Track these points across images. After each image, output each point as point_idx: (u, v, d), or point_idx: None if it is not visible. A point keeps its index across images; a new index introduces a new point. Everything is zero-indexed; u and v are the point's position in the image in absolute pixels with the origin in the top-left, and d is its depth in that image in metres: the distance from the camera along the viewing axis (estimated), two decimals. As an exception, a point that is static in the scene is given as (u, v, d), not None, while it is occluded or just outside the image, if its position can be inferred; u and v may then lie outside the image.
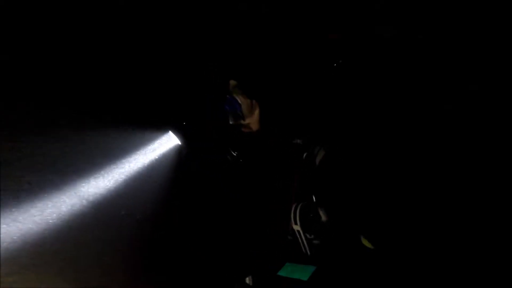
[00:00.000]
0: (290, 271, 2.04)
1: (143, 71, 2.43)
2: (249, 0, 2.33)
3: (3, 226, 1.84)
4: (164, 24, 2.44)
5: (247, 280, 2.28)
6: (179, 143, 2.40)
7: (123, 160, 2.21)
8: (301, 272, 1.97)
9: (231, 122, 2.20)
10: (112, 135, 2.22)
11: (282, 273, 2.05)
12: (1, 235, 1.83)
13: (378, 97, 2.01)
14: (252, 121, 2.18)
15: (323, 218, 1.94)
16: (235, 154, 2.26)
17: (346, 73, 2.04)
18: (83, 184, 2.09)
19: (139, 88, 2.39)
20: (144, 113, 2.39)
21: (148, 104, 2.39)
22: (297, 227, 1.96)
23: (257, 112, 2.17)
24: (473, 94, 1.89)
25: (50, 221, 1.97)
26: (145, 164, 2.28)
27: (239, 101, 2.16)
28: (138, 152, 2.27)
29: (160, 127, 2.39)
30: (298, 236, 1.98)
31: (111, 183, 2.15)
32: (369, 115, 1.99)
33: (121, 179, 2.18)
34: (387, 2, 2.07)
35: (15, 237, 1.87)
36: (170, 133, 2.37)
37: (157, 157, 2.32)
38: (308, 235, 1.94)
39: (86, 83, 2.20)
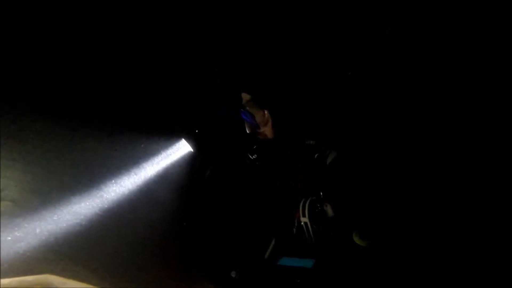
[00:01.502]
0: (291, 261, 2.17)
1: (146, 76, 2.47)
2: (249, 0, 2.33)
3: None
4: (164, 25, 2.44)
5: (233, 274, 2.39)
6: (191, 149, 2.64)
7: (146, 166, 2.50)
8: (303, 262, 2.11)
9: (248, 131, 2.36)
10: (134, 145, 2.48)
11: (282, 262, 2.18)
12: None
13: (385, 100, 2.09)
14: (267, 129, 2.32)
15: (329, 212, 2.13)
16: (252, 158, 2.38)
17: (360, 81, 2.14)
18: (117, 187, 2.33)
19: (146, 97, 2.51)
20: (158, 124, 2.61)
21: (160, 115, 2.58)
22: (305, 219, 2.14)
23: (270, 122, 2.31)
24: (473, 94, 1.90)
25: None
26: (164, 168, 2.56)
27: (253, 114, 2.31)
28: (158, 158, 2.56)
29: (173, 136, 2.62)
30: (305, 227, 2.15)
31: (138, 186, 2.44)
32: (377, 118, 2.09)
33: (145, 183, 2.47)
34: (387, 2, 2.08)
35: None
36: (183, 140, 2.60)
37: (174, 161, 2.60)
38: (314, 226, 2.12)
39: (100, 99, 2.33)
